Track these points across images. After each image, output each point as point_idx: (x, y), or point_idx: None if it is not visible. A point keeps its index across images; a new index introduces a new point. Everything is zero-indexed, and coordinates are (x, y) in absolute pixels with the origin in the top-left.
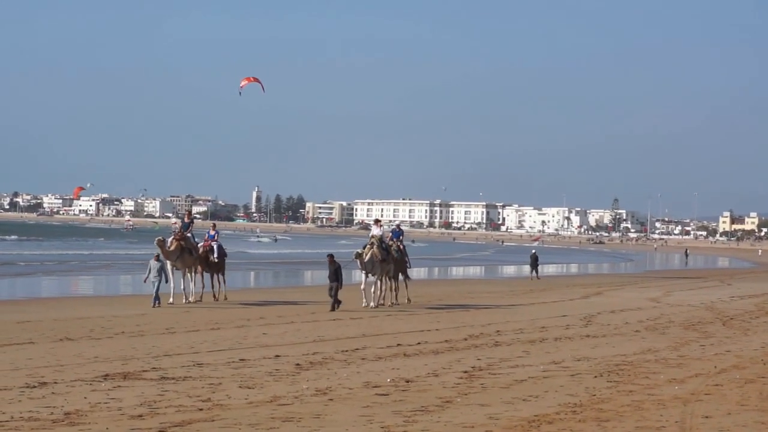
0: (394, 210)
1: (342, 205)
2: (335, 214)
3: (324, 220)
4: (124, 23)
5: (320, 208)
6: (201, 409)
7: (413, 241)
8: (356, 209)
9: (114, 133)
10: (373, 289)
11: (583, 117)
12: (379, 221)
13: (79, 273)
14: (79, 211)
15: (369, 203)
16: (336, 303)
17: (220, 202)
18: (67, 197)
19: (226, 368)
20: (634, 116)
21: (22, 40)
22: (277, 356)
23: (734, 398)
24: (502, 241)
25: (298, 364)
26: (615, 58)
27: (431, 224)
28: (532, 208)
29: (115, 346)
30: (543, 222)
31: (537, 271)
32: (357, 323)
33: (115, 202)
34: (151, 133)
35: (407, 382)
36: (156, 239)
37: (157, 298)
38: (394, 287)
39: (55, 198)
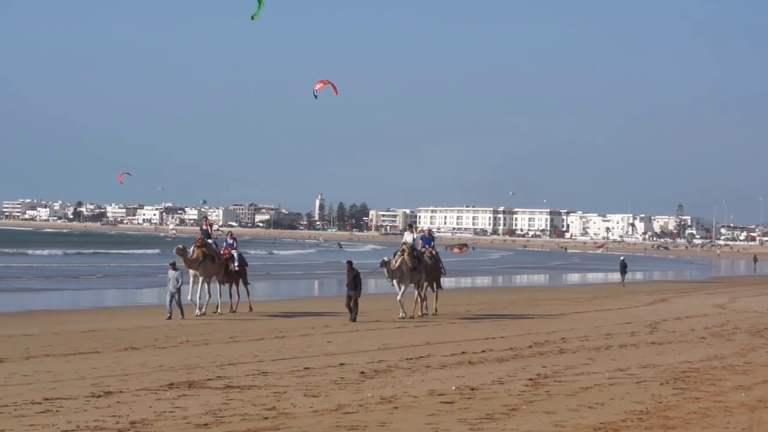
0: (458, 217)
1: (405, 212)
2: (398, 222)
3: (388, 227)
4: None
5: (383, 215)
6: (266, 418)
7: (473, 248)
8: (419, 216)
9: (180, 141)
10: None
11: (648, 123)
12: (413, 227)
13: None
14: (143, 220)
15: (432, 210)
16: (355, 312)
17: (283, 210)
18: (131, 206)
19: (290, 377)
20: (698, 123)
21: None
22: (342, 364)
23: None
24: (566, 248)
25: (362, 372)
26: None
27: (495, 231)
28: (596, 214)
29: (180, 355)
30: (607, 229)
31: (624, 278)
32: (421, 331)
33: (179, 211)
34: (214, 142)
35: (472, 389)
36: (176, 247)
37: (170, 309)
38: (423, 297)
39: (119, 207)
